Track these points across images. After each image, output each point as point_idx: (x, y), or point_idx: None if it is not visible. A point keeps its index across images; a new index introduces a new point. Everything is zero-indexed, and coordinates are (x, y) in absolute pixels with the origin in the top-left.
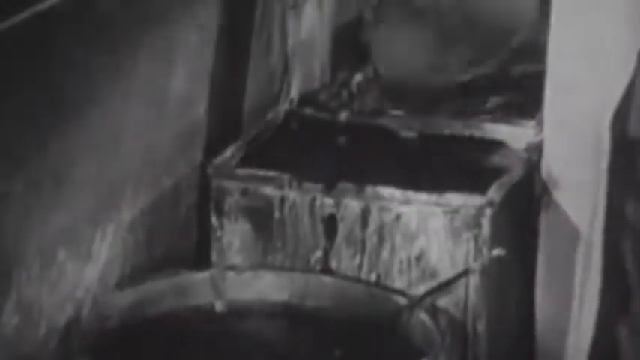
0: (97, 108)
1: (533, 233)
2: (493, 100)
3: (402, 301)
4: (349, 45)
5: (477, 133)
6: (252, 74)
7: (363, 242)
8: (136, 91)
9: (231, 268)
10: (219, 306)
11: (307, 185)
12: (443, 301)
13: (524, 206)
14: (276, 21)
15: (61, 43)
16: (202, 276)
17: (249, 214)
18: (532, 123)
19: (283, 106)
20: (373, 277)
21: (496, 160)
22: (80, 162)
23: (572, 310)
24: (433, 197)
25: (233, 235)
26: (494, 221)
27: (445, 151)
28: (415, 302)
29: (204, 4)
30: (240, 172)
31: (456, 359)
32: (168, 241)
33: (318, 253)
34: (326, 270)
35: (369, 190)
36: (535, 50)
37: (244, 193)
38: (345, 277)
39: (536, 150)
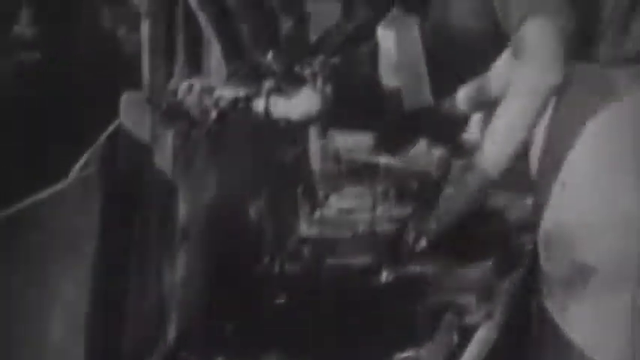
0: None
1: None
2: None
3: None
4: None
5: None
6: (130, 319)
7: None
8: (13, 342)
9: None
10: None
11: None
12: None
13: None
14: (152, 266)
15: None
16: None
17: None
18: None
19: (161, 350)
20: None
21: None
22: None
23: None
24: None
25: None
26: None
27: None
28: None
29: (80, 259)
30: None
31: None
32: None
33: None
34: None
35: None
36: None
37: None
38: None
39: None
